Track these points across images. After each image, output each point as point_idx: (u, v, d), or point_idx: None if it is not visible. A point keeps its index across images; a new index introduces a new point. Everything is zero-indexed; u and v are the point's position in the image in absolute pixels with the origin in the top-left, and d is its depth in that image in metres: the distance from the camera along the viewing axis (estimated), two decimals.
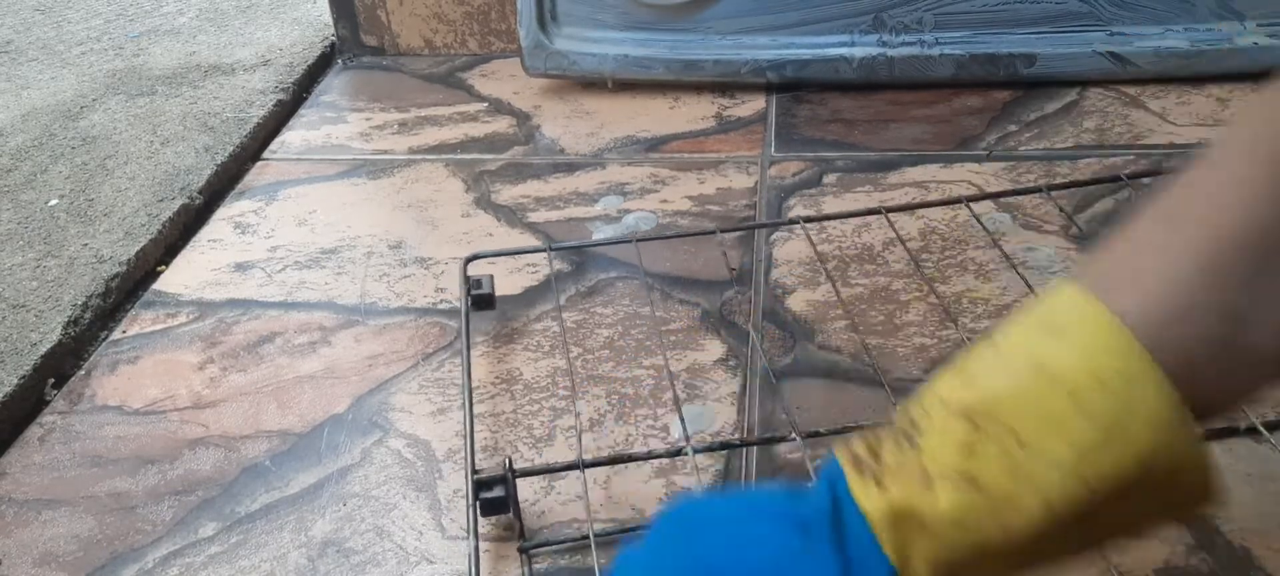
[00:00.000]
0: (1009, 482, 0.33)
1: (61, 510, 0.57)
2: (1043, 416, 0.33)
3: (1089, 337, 0.33)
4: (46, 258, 0.78)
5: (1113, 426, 0.32)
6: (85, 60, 1.13)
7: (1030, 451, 0.33)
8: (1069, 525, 0.33)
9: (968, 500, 0.33)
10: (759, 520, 0.36)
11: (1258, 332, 0.32)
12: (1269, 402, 0.55)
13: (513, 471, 0.50)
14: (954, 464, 0.33)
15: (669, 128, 0.90)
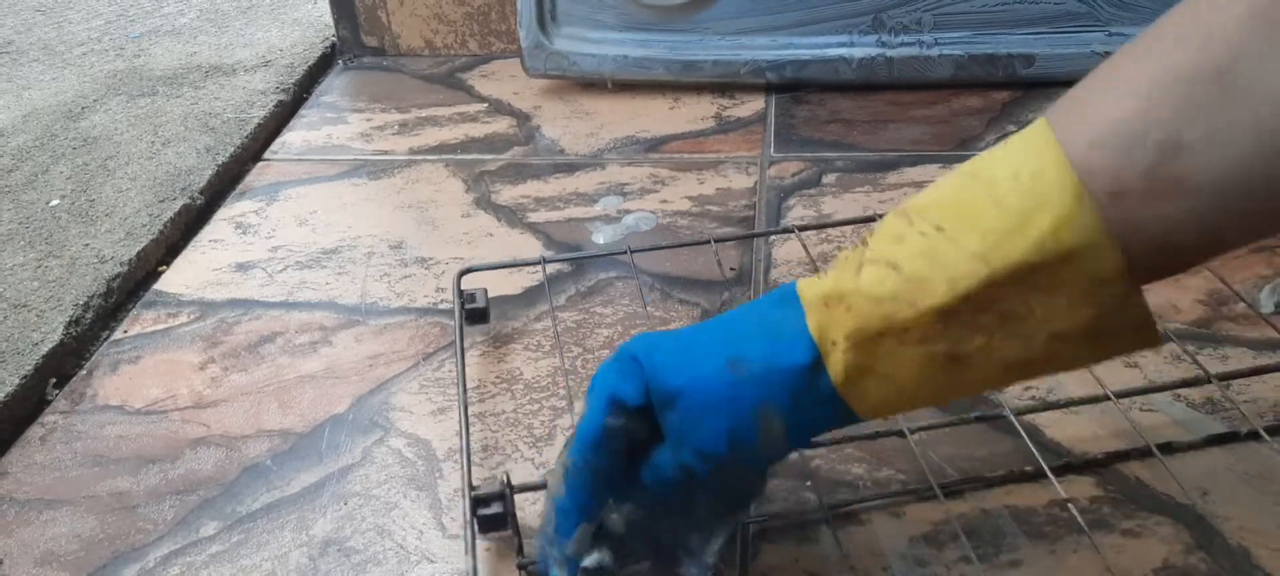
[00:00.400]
0: (923, 265, 0.37)
1: (63, 509, 0.57)
2: (962, 208, 0.37)
3: (1021, 147, 0.36)
4: (48, 258, 0.78)
5: (1017, 216, 0.35)
6: (86, 61, 1.13)
7: (946, 237, 0.36)
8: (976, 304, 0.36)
9: (885, 277, 0.37)
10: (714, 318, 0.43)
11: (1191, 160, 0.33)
12: (1269, 407, 0.56)
13: (510, 487, 0.49)
14: (883, 251, 0.38)
15: (668, 128, 0.90)
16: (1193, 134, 0.33)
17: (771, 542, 0.51)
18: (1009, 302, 0.36)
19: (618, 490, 0.43)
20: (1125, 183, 0.34)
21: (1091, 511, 0.51)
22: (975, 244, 0.36)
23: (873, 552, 0.50)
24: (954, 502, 0.52)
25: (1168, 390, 0.57)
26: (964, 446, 0.55)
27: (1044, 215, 0.35)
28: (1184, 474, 0.52)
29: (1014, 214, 0.35)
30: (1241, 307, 0.63)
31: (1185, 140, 0.33)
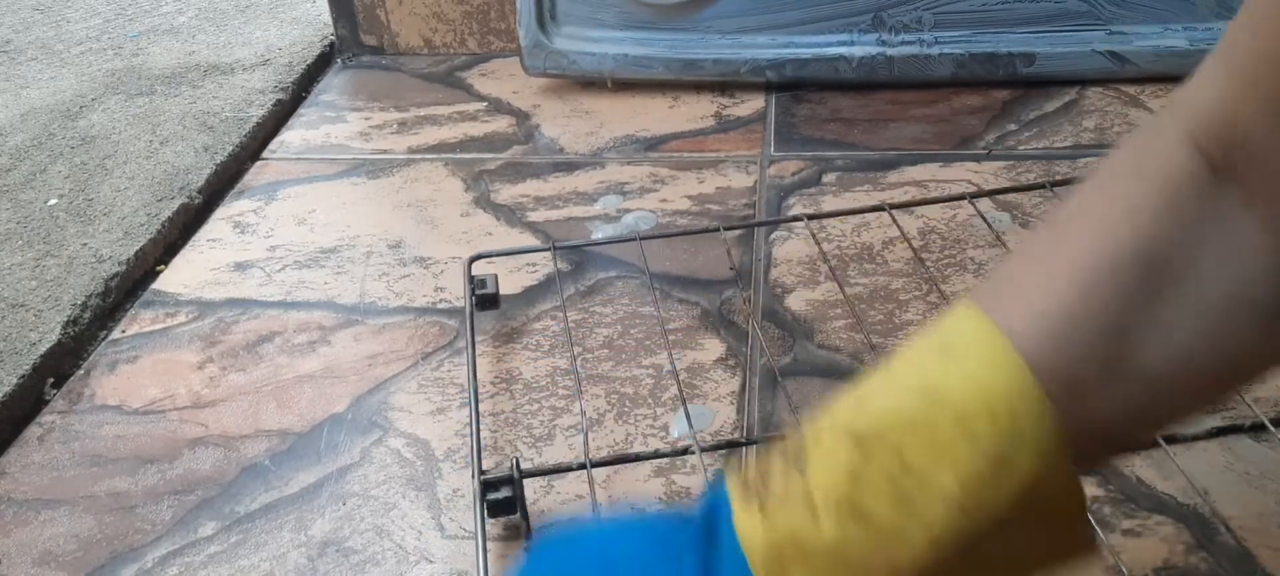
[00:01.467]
0: (895, 514, 0.31)
1: (61, 510, 0.57)
2: (930, 442, 0.31)
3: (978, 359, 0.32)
4: (46, 257, 0.78)
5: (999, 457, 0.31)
6: (84, 60, 1.13)
7: (916, 479, 0.31)
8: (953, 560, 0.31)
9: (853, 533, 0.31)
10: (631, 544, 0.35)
11: (1146, 351, 0.31)
12: (1271, 406, 0.56)
13: (520, 472, 0.50)
14: (840, 491, 0.32)
15: (668, 127, 0.90)
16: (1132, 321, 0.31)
17: None
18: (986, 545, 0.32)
19: None
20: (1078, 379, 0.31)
21: (1093, 511, 0.51)
22: (953, 489, 0.31)
23: None
24: None
25: None
26: None
27: (1024, 457, 0.31)
28: (1185, 472, 0.52)
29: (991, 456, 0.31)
30: None
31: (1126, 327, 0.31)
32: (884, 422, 0.32)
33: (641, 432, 0.58)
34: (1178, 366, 0.31)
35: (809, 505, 0.32)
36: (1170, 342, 0.31)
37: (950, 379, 0.32)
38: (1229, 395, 0.35)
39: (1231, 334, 0.31)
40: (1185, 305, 0.31)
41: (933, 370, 0.32)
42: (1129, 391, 0.32)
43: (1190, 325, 0.31)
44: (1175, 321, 0.31)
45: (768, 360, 0.62)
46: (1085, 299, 0.31)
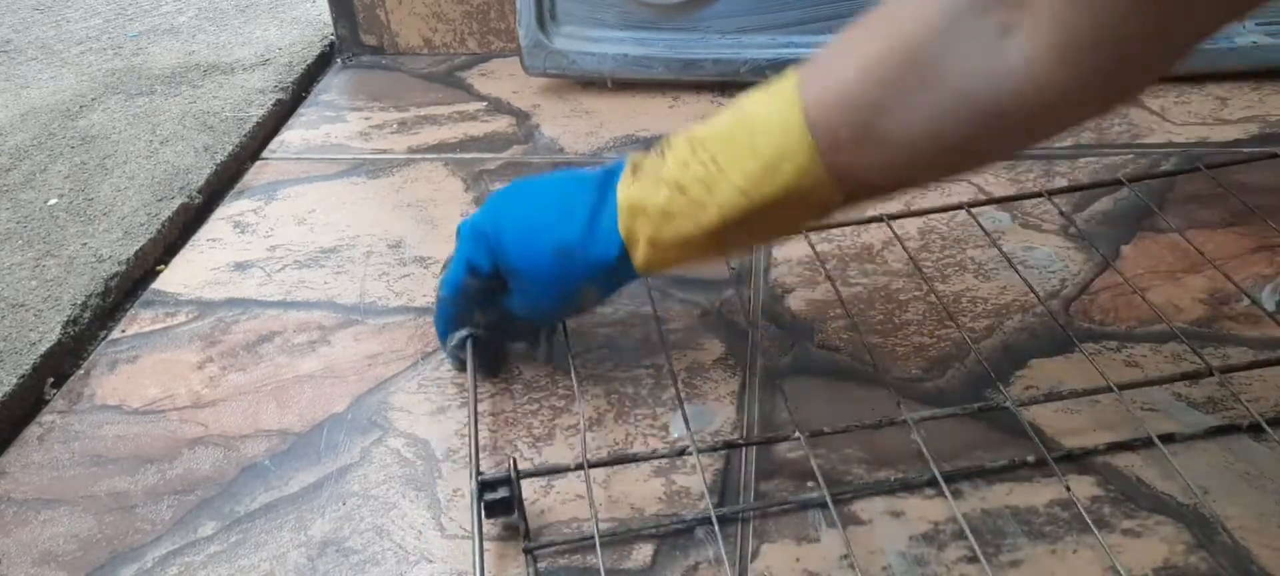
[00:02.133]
0: (701, 191, 0.49)
1: (61, 509, 0.57)
2: (731, 149, 0.48)
3: (778, 101, 0.47)
4: (46, 257, 0.78)
5: (769, 166, 0.47)
6: (84, 59, 1.13)
7: (719, 170, 0.49)
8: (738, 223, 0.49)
9: (674, 198, 0.50)
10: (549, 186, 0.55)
11: (892, 126, 0.44)
12: (1271, 406, 0.56)
13: (517, 473, 0.50)
14: (674, 174, 0.50)
15: (668, 127, 0.90)
16: (892, 103, 0.44)
17: (771, 542, 0.51)
18: (760, 219, 0.49)
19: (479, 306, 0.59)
20: (840, 137, 0.46)
21: (1092, 510, 0.51)
22: (739, 181, 0.48)
23: (872, 552, 0.50)
24: (955, 502, 0.52)
25: (1167, 383, 0.57)
26: (965, 439, 0.55)
27: (788, 164, 0.47)
28: (1185, 472, 0.52)
29: (767, 161, 0.47)
30: (1242, 307, 0.63)
31: (885, 107, 0.44)
32: (710, 133, 0.50)
33: (642, 432, 0.58)
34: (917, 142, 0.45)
35: (656, 181, 0.51)
36: (910, 123, 0.44)
37: (757, 110, 0.48)
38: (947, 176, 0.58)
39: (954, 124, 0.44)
40: (929, 98, 0.43)
41: (752, 103, 0.49)
42: (875, 153, 0.46)
43: (927, 114, 0.44)
44: (918, 109, 0.44)
45: (767, 360, 0.62)
46: (860, 79, 0.45)
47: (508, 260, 0.55)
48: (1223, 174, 0.73)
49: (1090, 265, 0.68)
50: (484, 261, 0.56)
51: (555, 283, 0.54)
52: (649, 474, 0.55)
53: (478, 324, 0.60)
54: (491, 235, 0.55)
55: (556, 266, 0.53)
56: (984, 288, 0.67)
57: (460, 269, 0.57)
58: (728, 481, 0.55)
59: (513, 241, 0.55)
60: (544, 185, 0.56)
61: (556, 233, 0.53)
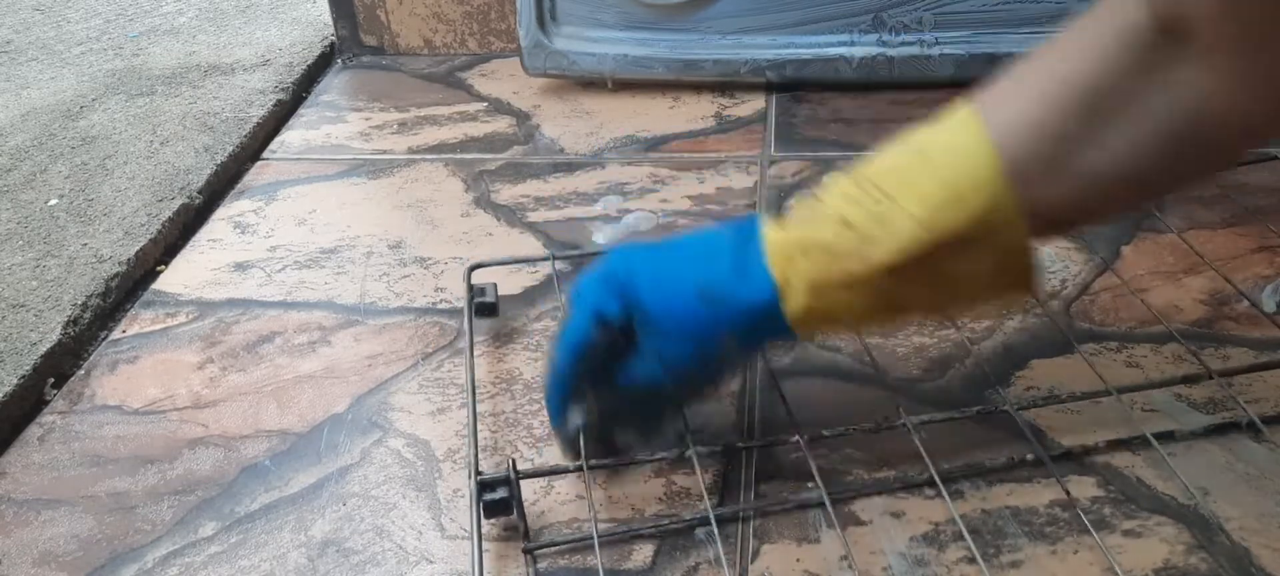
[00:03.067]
0: (872, 226, 0.44)
1: (61, 510, 0.57)
2: (905, 178, 0.44)
3: (956, 132, 0.44)
4: (46, 257, 0.78)
5: (954, 189, 0.43)
6: (85, 60, 1.13)
7: (891, 203, 0.44)
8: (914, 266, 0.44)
9: (841, 234, 0.45)
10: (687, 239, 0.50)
11: (1084, 158, 0.42)
12: (1272, 407, 0.56)
13: (516, 473, 0.50)
14: (837, 209, 0.45)
15: (669, 127, 0.90)
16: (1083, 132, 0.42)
17: (771, 543, 0.51)
18: (941, 262, 0.44)
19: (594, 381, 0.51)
20: (1029, 170, 0.43)
21: (1093, 511, 0.51)
22: (919, 212, 0.43)
23: (873, 552, 0.50)
24: (955, 502, 0.52)
25: (1168, 387, 0.57)
26: (965, 440, 0.55)
27: (977, 193, 0.43)
28: (1185, 473, 0.52)
29: (952, 189, 0.43)
30: (1243, 307, 0.63)
31: (1075, 136, 0.42)
32: (877, 167, 0.46)
33: None
34: (1106, 174, 0.43)
35: (814, 220, 0.46)
36: (1103, 154, 0.42)
37: (932, 142, 0.45)
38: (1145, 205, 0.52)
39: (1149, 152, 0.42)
40: (1119, 128, 0.42)
41: (923, 137, 0.45)
42: (1065, 185, 0.43)
43: (1120, 144, 0.42)
44: (1109, 139, 0.42)
45: (768, 360, 0.62)
46: (1044, 111, 0.43)
47: (643, 306, 0.48)
48: (1221, 174, 0.73)
49: (1090, 265, 0.68)
50: (614, 309, 0.48)
51: (696, 333, 0.47)
52: (649, 474, 0.55)
53: (590, 410, 0.52)
54: (624, 279, 0.49)
55: (700, 312, 0.47)
56: None
57: (584, 322, 0.49)
58: (728, 482, 0.55)
59: (648, 284, 0.48)
60: (674, 240, 0.51)
61: (700, 273, 0.48)
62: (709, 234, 0.50)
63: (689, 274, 0.48)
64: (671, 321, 0.48)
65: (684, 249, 0.50)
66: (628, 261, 0.50)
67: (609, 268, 0.50)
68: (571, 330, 0.50)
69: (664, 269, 0.49)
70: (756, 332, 0.48)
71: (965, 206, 0.43)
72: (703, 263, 0.48)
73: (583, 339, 0.49)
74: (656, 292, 0.48)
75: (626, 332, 0.49)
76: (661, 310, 0.48)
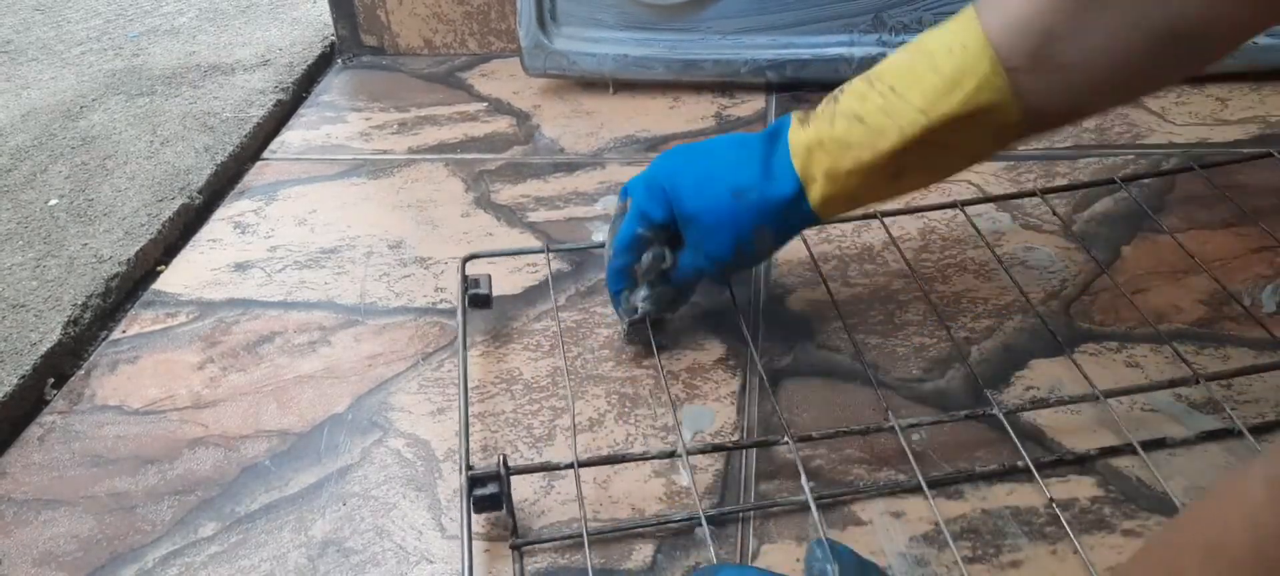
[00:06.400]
0: (881, 117, 0.51)
1: (61, 510, 0.57)
2: (911, 73, 0.50)
3: (956, 31, 0.49)
4: (46, 257, 0.78)
5: (950, 81, 0.49)
6: (85, 60, 1.13)
7: (898, 96, 0.50)
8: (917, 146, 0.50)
9: (852, 127, 0.51)
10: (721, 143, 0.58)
11: (1063, 49, 0.47)
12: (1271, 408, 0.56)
13: (507, 468, 0.50)
14: (850, 107, 0.52)
15: (669, 127, 0.90)
16: (1064, 29, 0.46)
17: (772, 543, 0.51)
18: (940, 138, 0.50)
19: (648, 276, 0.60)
20: (1015, 60, 0.47)
21: (1092, 511, 0.51)
22: (919, 101, 0.49)
23: (873, 552, 0.50)
24: (954, 502, 0.52)
25: (1160, 389, 0.57)
26: (965, 440, 0.55)
27: (969, 79, 0.48)
28: (1185, 473, 0.52)
29: (947, 78, 0.49)
30: (1242, 307, 0.63)
31: (1058, 32, 0.46)
32: (887, 66, 0.52)
33: (642, 433, 0.58)
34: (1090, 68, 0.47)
35: (831, 117, 0.53)
36: (1083, 48, 0.47)
37: (936, 38, 0.50)
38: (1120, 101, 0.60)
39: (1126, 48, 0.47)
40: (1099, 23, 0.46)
41: (930, 35, 0.51)
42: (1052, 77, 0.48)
43: (1098, 39, 0.46)
44: (1089, 34, 0.46)
45: (767, 361, 0.62)
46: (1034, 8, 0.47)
47: (683, 206, 0.56)
48: (1221, 174, 0.73)
49: (1090, 266, 0.68)
50: (658, 210, 0.57)
51: (731, 225, 0.55)
52: (649, 474, 0.55)
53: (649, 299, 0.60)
54: (666, 185, 0.57)
55: (733, 208, 0.55)
56: (984, 288, 0.67)
57: (633, 220, 0.58)
58: (728, 482, 0.55)
59: (688, 187, 0.56)
60: (712, 143, 0.58)
61: (732, 175, 0.55)
62: (740, 137, 0.57)
63: (723, 175, 0.55)
64: (710, 218, 0.56)
65: (718, 152, 0.57)
66: (670, 168, 0.57)
67: (652, 173, 0.58)
68: (624, 229, 0.59)
69: (701, 172, 0.56)
70: (785, 221, 0.55)
71: (961, 92, 0.48)
72: (735, 164, 0.55)
73: (633, 235, 0.58)
74: (695, 195, 0.56)
75: (670, 229, 0.58)
76: (700, 209, 0.56)
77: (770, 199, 0.54)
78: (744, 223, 0.55)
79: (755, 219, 0.55)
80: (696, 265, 0.58)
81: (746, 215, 0.55)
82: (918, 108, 0.49)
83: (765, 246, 0.57)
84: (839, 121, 0.52)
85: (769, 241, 0.57)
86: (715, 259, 0.57)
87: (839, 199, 0.54)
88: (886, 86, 0.51)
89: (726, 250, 0.57)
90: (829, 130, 0.52)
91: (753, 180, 0.54)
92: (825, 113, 0.53)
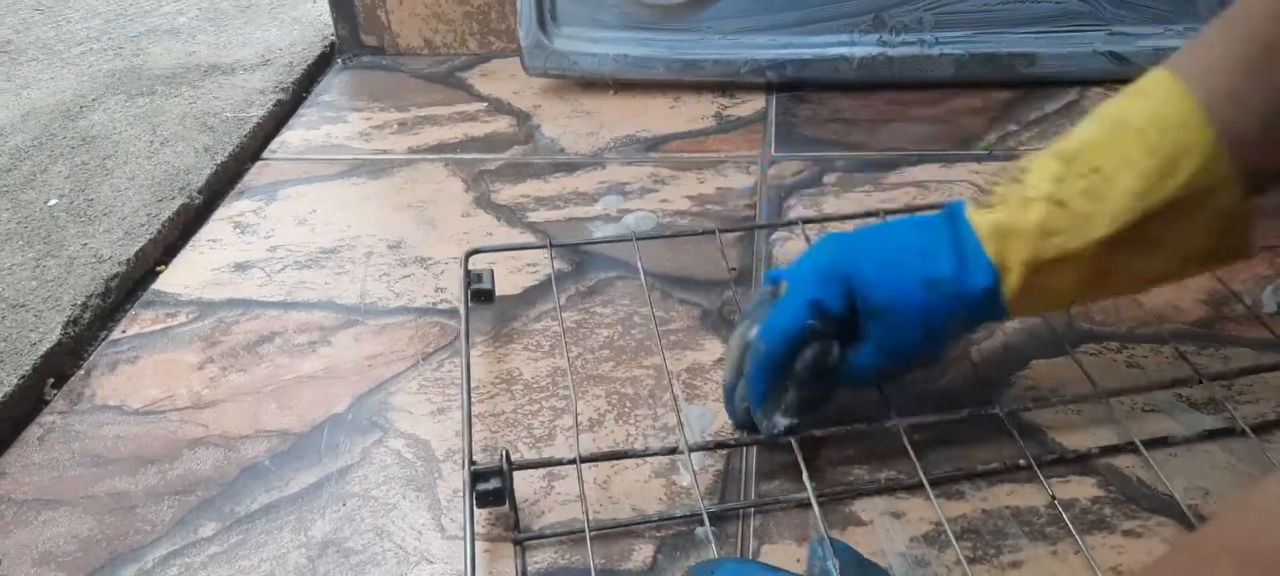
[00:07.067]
0: (1086, 203, 0.45)
1: (61, 510, 0.57)
2: (1117, 153, 0.45)
3: (1160, 99, 0.44)
4: (46, 257, 0.78)
5: (1167, 161, 0.44)
6: (85, 60, 1.13)
7: (1104, 178, 0.45)
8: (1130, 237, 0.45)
9: (1055, 215, 0.46)
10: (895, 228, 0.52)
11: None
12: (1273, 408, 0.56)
13: (509, 463, 0.50)
14: (1047, 191, 0.46)
15: (669, 127, 0.90)
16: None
17: (772, 543, 0.51)
18: (1156, 231, 0.45)
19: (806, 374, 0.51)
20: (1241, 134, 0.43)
21: (1093, 511, 0.51)
22: (1133, 184, 0.44)
23: (873, 552, 0.50)
24: (955, 503, 0.52)
25: (1161, 389, 0.57)
26: (961, 442, 0.55)
27: (1190, 159, 0.43)
28: (1186, 473, 0.52)
29: (1165, 158, 0.44)
30: (1243, 308, 0.63)
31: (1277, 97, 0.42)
32: (1083, 143, 0.46)
33: (642, 433, 0.58)
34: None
35: (1023, 202, 0.47)
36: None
37: (1136, 111, 0.45)
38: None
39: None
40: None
41: (1125, 107, 0.46)
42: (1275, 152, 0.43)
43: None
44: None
45: None
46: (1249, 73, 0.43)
47: (870, 298, 0.50)
48: None
49: None
50: (837, 302, 0.50)
51: (922, 320, 0.49)
52: (650, 474, 0.55)
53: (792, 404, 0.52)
54: (846, 271, 0.50)
55: (926, 301, 0.49)
56: None
57: (802, 311, 0.50)
58: (728, 482, 0.55)
59: (875, 277, 0.50)
60: (886, 227, 0.53)
61: (924, 265, 0.49)
62: (917, 220, 0.52)
63: (913, 265, 0.50)
64: (901, 311, 0.50)
65: (899, 238, 0.51)
66: (849, 253, 0.51)
67: (828, 259, 0.51)
68: (788, 318, 0.50)
69: (889, 260, 0.50)
70: (974, 316, 0.50)
71: (1180, 174, 0.44)
72: (925, 252, 0.50)
73: (799, 327, 0.50)
74: (883, 286, 0.50)
75: (844, 324, 0.50)
76: (889, 301, 0.50)
77: (967, 289, 0.48)
78: (936, 317, 0.49)
79: (948, 310, 0.49)
80: (876, 363, 0.51)
81: (939, 307, 0.49)
82: (1131, 191, 0.44)
83: (952, 341, 0.52)
84: (1034, 209, 0.46)
85: (957, 337, 0.52)
86: (902, 355, 0.51)
87: (1035, 296, 0.48)
88: (1088, 167, 0.45)
89: (914, 346, 0.51)
90: (1023, 217, 0.47)
91: (948, 271, 0.49)
92: (1011, 196, 0.48)
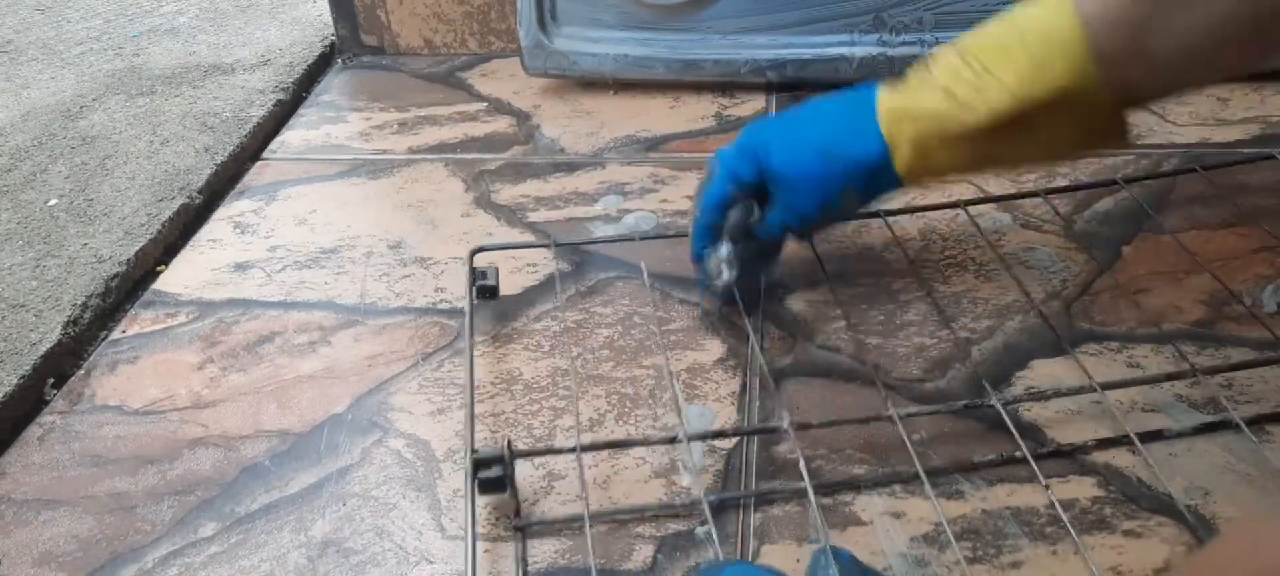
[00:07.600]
0: (971, 94, 0.52)
1: (61, 510, 0.57)
2: (1003, 52, 0.51)
3: (1051, 10, 0.50)
4: (46, 257, 0.78)
5: (1042, 62, 0.50)
6: (85, 60, 1.13)
7: (989, 75, 0.51)
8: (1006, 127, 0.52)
9: (944, 102, 0.53)
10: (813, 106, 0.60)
11: (1156, 44, 0.48)
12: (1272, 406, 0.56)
13: (511, 451, 0.51)
14: (943, 82, 0.53)
15: (669, 127, 0.90)
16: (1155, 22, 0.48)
17: (772, 543, 0.51)
18: (1029, 124, 0.51)
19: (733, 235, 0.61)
20: (1109, 49, 0.49)
21: (1093, 511, 0.51)
22: (1010, 80, 0.51)
23: (873, 552, 0.50)
24: (955, 503, 0.52)
25: (1154, 383, 0.57)
26: (959, 438, 0.55)
27: (1060, 62, 0.49)
28: (1185, 473, 0.52)
29: (1038, 59, 0.50)
30: (1243, 308, 0.63)
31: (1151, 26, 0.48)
32: (980, 42, 0.53)
33: (642, 432, 0.58)
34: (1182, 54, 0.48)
35: (921, 87, 0.54)
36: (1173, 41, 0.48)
37: (1028, 19, 0.51)
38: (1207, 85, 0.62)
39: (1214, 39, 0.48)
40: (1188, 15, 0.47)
41: (1021, 14, 0.52)
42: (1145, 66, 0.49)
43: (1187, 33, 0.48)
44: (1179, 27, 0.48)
45: (768, 361, 0.62)
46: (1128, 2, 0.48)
47: (772, 166, 0.59)
48: (1222, 175, 0.73)
49: (1091, 266, 0.68)
50: (748, 171, 0.59)
51: (819, 184, 0.58)
52: (650, 474, 0.55)
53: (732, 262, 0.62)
54: (757, 146, 0.59)
55: (821, 167, 0.57)
56: (985, 288, 0.67)
57: (723, 180, 0.60)
58: (728, 481, 0.55)
59: (778, 149, 0.59)
60: (802, 108, 0.60)
61: (820, 135, 0.58)
62: (829, 100, 0.59)
63: (812, 136, 0.58)
64: (798, 177, 0.58)
65: (807, 115, 0.59)
66: (760, 132, 0.60)
67: (744, 139, 0.61)
68: (713, 189, 0.61)
69: (790, 134, 0.59)
70: (871, 183, 0.57)
71: (1051, 75, 0.50)
72: (823, 125, 0.58)
73: (721, 194, 0.60)
74: (784, 156, 0.58)
75: (758, 191, 0.60)
76: (789, 169, 0.58)
77: (857, 160, 0.56)
78: (831, 182, 0.57)
79: (843, 178, 0.57)
80: (783, 221, 0.60)
81: (834, 174, 0.57)
82: (1007, 87, 0.51)
83: (851, 205, 0.60)
84: (929, 94, 0.53)
85: (854, 201, 0.59)
86: (802, 215, 0.60)
87: (925, 170, 0.56)
88: (979, 62, 0.52)
89: (813, 207, 0.59)
90: (918, 101, 0.54)
91: (840, 141, 0.56)
92: (915, 82, 0.55)
